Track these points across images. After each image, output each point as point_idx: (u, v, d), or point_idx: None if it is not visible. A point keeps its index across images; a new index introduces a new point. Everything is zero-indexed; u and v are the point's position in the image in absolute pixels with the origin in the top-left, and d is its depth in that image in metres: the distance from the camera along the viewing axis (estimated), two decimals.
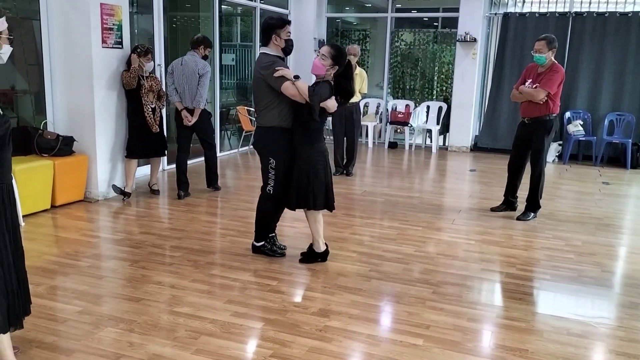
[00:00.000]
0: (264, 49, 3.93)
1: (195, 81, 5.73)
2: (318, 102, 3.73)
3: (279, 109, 3.88)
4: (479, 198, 6.43)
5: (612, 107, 8.95)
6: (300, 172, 3.90)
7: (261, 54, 3.94)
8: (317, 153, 3.91)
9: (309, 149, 3.89)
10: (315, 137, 3.91)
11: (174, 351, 2.84)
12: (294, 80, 3.77)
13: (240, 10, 10.36)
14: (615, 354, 2.96)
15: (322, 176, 3.92)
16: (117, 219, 5.31)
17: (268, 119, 3.92)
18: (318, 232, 4.08)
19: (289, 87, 3.74)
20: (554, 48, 5.24)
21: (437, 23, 10.90)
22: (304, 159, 3.89)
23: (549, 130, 5.33)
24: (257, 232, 4.27)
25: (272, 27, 3.86)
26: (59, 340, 2.92)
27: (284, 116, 3.89)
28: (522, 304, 3.54)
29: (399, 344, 2.98)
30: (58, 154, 5.40)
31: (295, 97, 3.77)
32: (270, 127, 3.92)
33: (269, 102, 3.87)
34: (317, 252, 4.14)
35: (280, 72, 3.75)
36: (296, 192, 3.94)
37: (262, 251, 4.27)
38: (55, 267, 3.95)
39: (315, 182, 3.89)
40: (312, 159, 3.89)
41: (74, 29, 5.47)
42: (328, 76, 3.83)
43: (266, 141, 3.99)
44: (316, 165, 3.89)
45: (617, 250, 4.78)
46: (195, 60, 5.76)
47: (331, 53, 3.78)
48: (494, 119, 9.62)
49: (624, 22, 8.74)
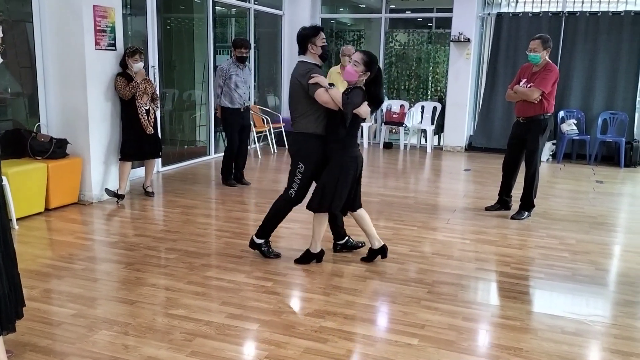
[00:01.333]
0: (302, 57, 3.98)
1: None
2: (351, 110, 3.74)
3: (315, 116, 3.90)
4: (473, 197, 6.44)
5: (605, 106, 8.99)
6: (330, 176, 3.88)
7: (299, 62, 3.98)
8: (349, 158, 3.89)
9: (342, 154, 3.88)
10: (348, 142, 3.90)
11: (169, 353, 2.83)
12: (328, 87, 3.80)
13: (235, 11, 10.35)
14: (610, 351, 2.97)
15: (349, 182, 3.91)
16: (112, 221, 5.29)
17: (304, 126, 3.94)
18: (320, 234, 4.08)
19: (322, 94, 3.78)
20: (548, 47, 5.26)
21: (431, 23, 10.92)
22: (337, 163, 3.87)
23: (544, 129, 5.35)
24: (263, 229, 4.23)
25: (307, 37, 3.93)
26: (54, 344, 2.91)
27: (319, 123, 3.91)
28: (517, 303, 3.55)
29: (394, 343, 2.98)
30: (52, 156, 5.38)
31: (328, 104, 3.79)
32: (306, 133, 3.94)
33: (306, 109, 3.90)
34: (312, 253, 4.14)
35: (315, 79, 3.79)
36: (321, 194, 3.92)
37: (258, 248, 4.25)
38: (49, 270, 3.94)
39: (343, 187, 3.89)
40: (345, 164, 3.88)
41: (67, 31, 5.45)
42: (360, 82, 3.83)
43: (300, 146, 4.01)
44: (347, 170, 3.88)
45: (611, 248, 4.80)
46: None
47: (363, 59, 3.79)
48: (488, 118, 9.65)
49: (617, 21, 8.78)
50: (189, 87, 9.06)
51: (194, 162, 8.25)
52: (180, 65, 9.00)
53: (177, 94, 8.87)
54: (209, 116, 8.71)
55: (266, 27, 10.52)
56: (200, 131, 9.02)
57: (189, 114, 9.07)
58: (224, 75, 6.33)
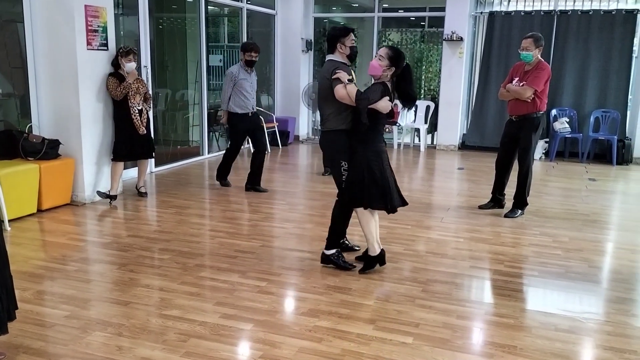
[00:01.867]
0: (330, 56, 3.98)
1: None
2: (365, 105, 3.69)
3: (346, 113, 3.88)
4: (467, 196, 6.46)
5: (597, 105, 9.03)
6: (355, 171, 3.83)
7: (328, 61, 3.98)
8: (372, 153, 3.81)
9: (364, 148, 3.81)
10: (372, 137, 3.84)
11: (163, 354, 2.82)
12: (347, 83, 3.77)
13: (227, 11, 10.33)
14: (603, 348, 2.99)
15: (378, 177, 3.80)
16: (105, 222, 5.27)
17: (336, 123, 3.92)
18: (371, 234, 3.92)
19: (339, 90, 3.78)
20: (540, 46, 5.29)
21: (424, 22, 10.95)
22: (359, 158, 3.82)
23: (536, 127, 5.37)
24: (329, 240, 4.08)
25: (337, 37, 3.93)
26: (47, 346, 2.89)
27: (350, 119, 3.91)
28: (511, 301, 3.56)
29: (388, 342, 2.98)
30: (44, 157, 5.34)
31: (343, 99, 3.77)
32: (339, 130, 3.92)
33: (337, 107, 3.87)
34: (373, 257, 3.96)
35: (337, 74, 3.78)
36: (349, 189, 3.87)
37: (332, 261, 4.05)
38: (42, 272, 3.91)
39: (371, 182, 3.79)
40: (367, 159, 3.80)
41: (59, 31, 5.42)
42: (384, 77, 3.79)
43: (336, 145, 3.96)
44: (371, 165, 3.79)
45: (603, 245, 4.82)
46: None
47: (388, 54, 3.74)
48: (481, 117, 9.67)
49: (608, 19, 8.82)
50: (182, 87, 9.04)
51: (187, 163, 8.23)
52: (172, 65, 8.98)
53: (170, 94, 8.85)
54: (202, 116, 8.68)
55: (259, 27, 10.51)
56: (194, 131, 9.00)
57: (182, 114, 9.04)
58: (233, 79, 6.15)
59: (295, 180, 7.39)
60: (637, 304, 3.61)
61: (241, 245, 4.55)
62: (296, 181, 7.31)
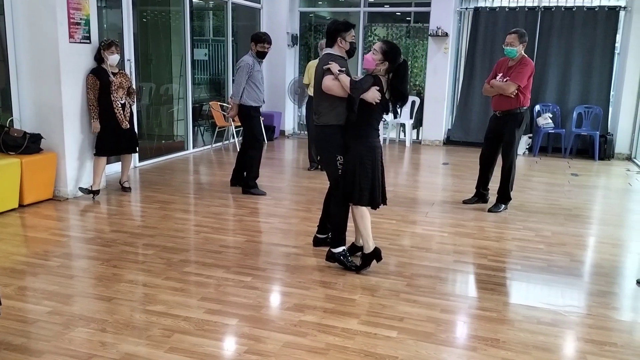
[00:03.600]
0: (328, 49, 3.94)
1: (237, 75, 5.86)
2: (358, 95, 3.68)
3: (342, 107, 3.82)
4: (451, 191, 6.50)
5: (580, 100, 9.13)
6: (347, 166, 3.81)
7: (325, 55, 3.95)
8: (366, 148, 3.77)
9: (358, 143, 3.78)
10: (364, 132, 3.80)
11: (147, 350, 2.80)
12: (338, 73, 3.73)
13: (212, 4, 10.25)
14: (584, 341, 3.03)
15: (370, 172, 3.77)
16: (88, 217, 5.22)
17: (330, 118, 3.87)
18: (366, 229, 3.85)
19: (326, 80, 3.75)
20: (524, 42, 5.33)
21: (409, 18, 10.95)
22: (352, 153, 3.79)
23: (520, 123, 5.42)
24: (335, 237, 4.01)
25: (338, 31, 3.91)
26: (29, 342, 2.86)
27: (345, 114, 3.87)
28: (494, 295, 3.60)
29: (373, 336, 3.00)
30: (25, 151, 5.27)
31: (330, 90, 3.74)
32: (335, 125, 3.86)
33: (331, 101, 3.82)
34: (368, 254, 3.89)
35: (329, 65, 3.76)
36: (342, 184, 3.84)
37: (339, 260, 3.96)
38: (24, 268, 3.87)
39: (362, 177, 3.75)
40: (360, 154, 3.76)
41: (40, 24, 5.33)
42: (377, 71, 3.75)
43: (331, 139, 3.90)
44: (364, 160, 3.75)
45: (585, 240, 4.88)
46: (241, 58, 5.88)
47: (382, 48, 3.73)
48: (465, 112, 9.73)
49: (591, 16, 8.91)
50: (167, 81, 8.96)
51: (171, 157, 8.17)
52: (157, 59, 8.89)
53: (154, 88, 8.77)
54: (186, 110, 8.62)
55: (244, 21, 10.45)
56: (178, 125, 8.94)
57: (166, 108, 8.97)
58: (249, 71, 5.74)
59: (281, 175, 7.38)
60: (618, 297, 3.66)
61: (226, 240, 4.53)
62: (282, 176, 7.29)
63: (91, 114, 5.62)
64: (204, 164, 8.04)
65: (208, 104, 9.38)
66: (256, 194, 5.94)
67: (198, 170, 7.67)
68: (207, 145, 9.15)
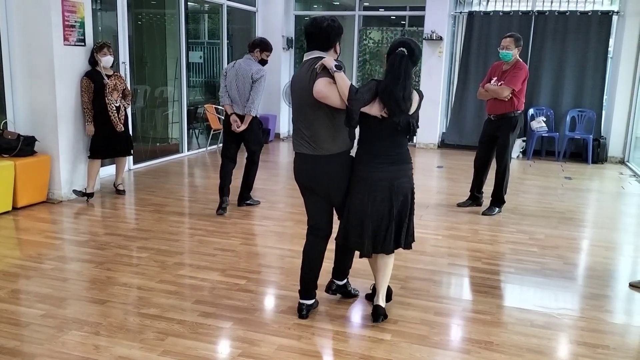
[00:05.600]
0: (319, 53, 3.03)
1: (248, 86, 5.19)
2: (358, 108, 2.88)
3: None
4: (446, 194, 6.52)
5: (573, 104, 9.18)
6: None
7: (313, 58, 3.05)
8: (357, 178, 3.10)
9: (352, 167, 3.15)
10: (358, 153, 3.14)
11: (140, 353, 2.80)
12: (335, 71, 2.87)
13: (207, 7, 10.26)
14: (577, 344, 3.04)
15: (363, 207, 3.08)
16: (81, 220, 5.20)
17: (338, 145, 3.14)
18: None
19: (319, 84, 2.87)
20: (519, 46, 5.37)
21: (404, 22, 10.99)
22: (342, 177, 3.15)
23: (514, 126, 5.44)
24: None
25: (339, 35, 3.09)
26: (22, 345, 2.85)
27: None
28: (488, 297, 3.61)
29: (367, 339, 3.00)
30: (19, 154, 5.26)
31: (326, 98, 2.88)
32: (343, 152, 3.19)
33: (330, 120, 3.06)
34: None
35: (323, 60, 2.94)
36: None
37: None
38: (17, 271, 3.85)
39: (351, 214, 3.12)
40: (352, 180, 3.14)
41: (34, 27, 5.32)
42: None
43: (345, 169, 3.19)
44: (354, 188, 3.11)
45: (578, 243, 4.91)
46: (249, 64, 5.24)
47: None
48: (460, 116, 9.76)
49: (585, 20, 8.96)
50: (162, 84, 8.95)
51: (166, 160, 8.16)
52: (152, 61, 8.89)
53: (149, 90, 8.76)
54: (181, 113, 8.61)
55: (239, 24, 10.46)
56: (173, 128, 8.93)
57: (161, 110, 8.96)
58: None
59: (276, 178, 7.38)
60: (611, 300, 3.68)
61: (220, 243, 4.53)
62: (276, 179, 7.30)
63: (85, 117, 5.62)
64: (198, 166, 8.03)
65: (203, 106, 9.38)
66: (254, 204, 5.76)
67: (193, 173, 7.67)
68: (202, 148, 9.14)
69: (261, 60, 5.40)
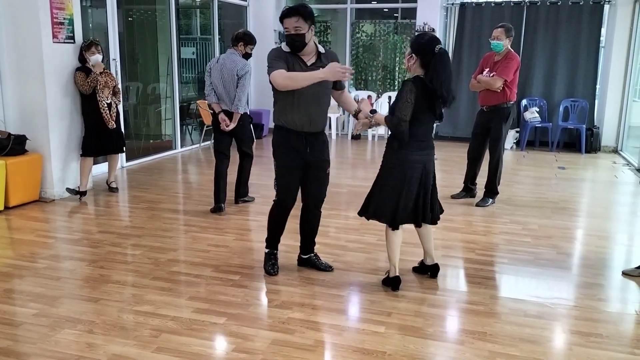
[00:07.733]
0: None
1: (234, 82, 5.06)
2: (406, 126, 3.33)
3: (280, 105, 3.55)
4: (440, 186, 6.44)
5: (566, 94, 9.19)
6: (376, 179, 3.58)
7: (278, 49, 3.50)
8: (396, 161, 3.43)
9: (390, 155, 3.50)
10: (398, 144, 3.41)
11: (135, 350, 2.79)
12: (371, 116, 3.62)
13: (199, 2, 10.21)
14: (570, 333, 3.05)
15: (398, 187, 3.41)
16: (74, 218, 5.18)
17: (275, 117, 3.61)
18: (391, 254, 3.55)
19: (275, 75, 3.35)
20: (511, 36, 5.36)
21: (397, 14, 10.96)
22: (382, 165, 3.54)
23: (507, 117, 5.44)
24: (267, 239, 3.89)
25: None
26: (15, 345, 2.84)
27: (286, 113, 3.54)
28: (482, 288, 3.61)
29: (361, 332, 3.00)
30: (10, 153, 5.23)
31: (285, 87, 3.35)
32: (276, 125, 3.61)
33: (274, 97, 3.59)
34: (386, 278, 3.62)
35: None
36: (368, 198, 3.59)
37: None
38: (9, 270, 3.83)
39: (387, 192, 3.44)
40: (390, 166, 3.48)
41: (23, 24, 5.28)
42: (416, 71, 3.31)
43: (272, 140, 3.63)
44: (392, 173, 3.44)
45: (572, 232, 4.92)
46: (234, 60, 5.09)
47: (410, 41, 3.23)
48: (453, 108, 9.67)
49: (576, 10, 8.97)
50: (154, 80, 8.91)
51: (159, 157, 8.13)
52: (143, 58, 8.84)
53: (141, 87, 8.72)
54: (174, 110, 8.58)
55: (231, 19, 10.41)
56: (166, 125, 8.90)
57: (153, 107, 8.92)
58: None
59: (269, 172, 7.34)
60: (604, 288, 3.70)
61: (214, 239, 4.52)
62: (269, 174, 7.25)
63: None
64: (192, 163, 8.01)
65: (196, 102, 9.34)
66: (249, 201, 5.75)
67: (186, 169, 7.65)
68: (195, 144, 9.11)
69: (245, 54, 5.25)
